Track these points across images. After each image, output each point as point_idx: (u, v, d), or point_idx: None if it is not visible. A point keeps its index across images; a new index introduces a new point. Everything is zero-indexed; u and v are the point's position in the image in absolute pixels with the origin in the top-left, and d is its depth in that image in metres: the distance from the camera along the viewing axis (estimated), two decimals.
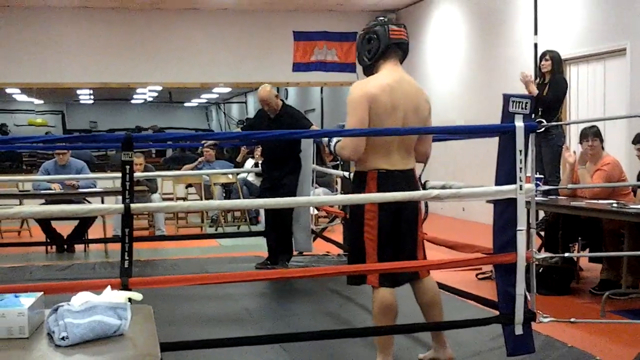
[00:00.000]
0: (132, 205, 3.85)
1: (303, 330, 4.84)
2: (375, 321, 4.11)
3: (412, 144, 4.18)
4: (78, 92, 21.41)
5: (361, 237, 4.07)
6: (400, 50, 4.19)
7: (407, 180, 4.12)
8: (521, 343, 3.91)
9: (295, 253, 7.81)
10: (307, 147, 7.61)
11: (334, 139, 4.14)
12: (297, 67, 13.58)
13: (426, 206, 4.65)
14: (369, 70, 4.22)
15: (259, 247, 7.73)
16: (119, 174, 3.92)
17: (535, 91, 7.32)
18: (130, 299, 2.42)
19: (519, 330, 3.87)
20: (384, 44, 4.13)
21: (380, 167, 4.06)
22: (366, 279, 4.11)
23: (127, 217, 3.86)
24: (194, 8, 13.96)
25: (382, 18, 4.27)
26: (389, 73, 4.13)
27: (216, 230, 10.99)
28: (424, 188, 4.61)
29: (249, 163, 11.97)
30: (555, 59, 7.66)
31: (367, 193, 4.05)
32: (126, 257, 3.82)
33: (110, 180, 10.47)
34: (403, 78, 4.15)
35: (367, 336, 4.56)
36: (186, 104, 28.33)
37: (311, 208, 8.15)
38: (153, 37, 13.98)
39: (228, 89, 20.74)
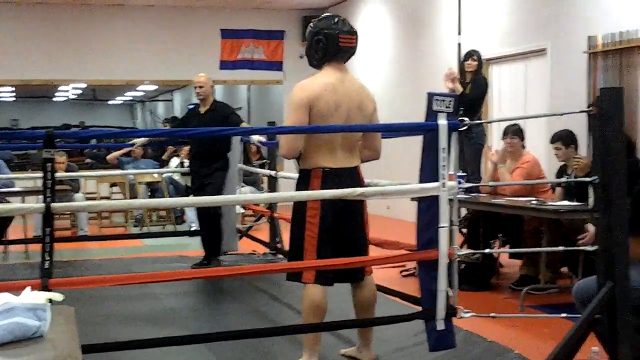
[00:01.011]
0: (53, 205, 3.78)
1: (229, 329, 4.82)
2: (304, 319, 4.13)
3: (355, 142, 4.24)
4: None
5: (302, 234, 4.10)
6: (347, 54, 4.26)
7: (352, 178, 4.17)
8: (443, 338, 3.97)
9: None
10: (235, 145, 7.58)
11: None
12: (224, 65, 13.48)
13: None
14: (314, 66, 4.30)
15: (184, 246, 7.68)
16: (40, 173, 3.84)
17: (460, 89, 7.43)
18: (50, 300, 2.38)
19: (440, 325, 3.93)
20: (332, 49, 4.18)
21: (325, 165, 4.11)
22: (301, 276, 4.12)
23: (48, 217, 3.79)
24: (120, 4, 13.77)
25: (336, 20, 4.27)
26: (332, 72, 4.19)
27: (141, 229, 10.86)
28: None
29: (174, 162, 11.87)
30: (480, 59, 7.81)
31: (311, 191, 4.09)
32: (47, 258, 3.74)
33: (32, 179, 10.23)
34: (346, 77, 4.23)
35: (292, 334, 4.58)
36: (111, 102, 27.90)
37: (237, 207, 8.13)
38: (77, 33, 13.73)
39: (154, 87, 20.50)
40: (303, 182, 4.17)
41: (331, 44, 4.17)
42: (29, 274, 7.07)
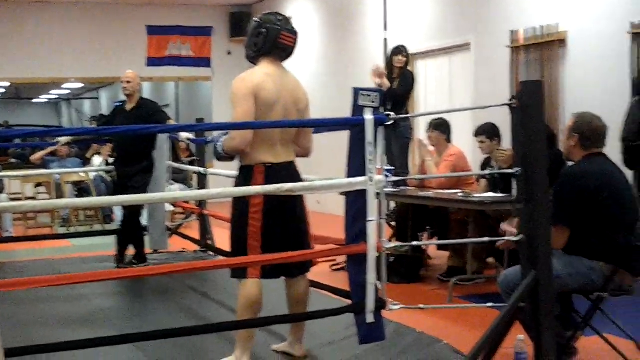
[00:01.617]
0: None
1: (159, 328, 4.76)
2: (240, 314, 4.13)
3: (292, 137, 4.27)
4: None
5: (245, 230, 4.09)
6: (284, 53, 4.27)
7: (291, 172, 4.21)
8: (372, 331, 3.99)
9: (150, 251, 7.70)
10: (163, 142, 7.51)
11: (220, 141, 4.12)
12: (151, 61, 13.28)
13: None
14: (252, 60, 4.29)
15: (113, 246, 7.56)
16: None
17: (387, 84, 7.48)
18: None
19: (370, 318, 3.95)
20: (270, 44, 4.20)
21: (267, 161, 4.12)
22: (247, 272, 4.12)
23: None
24: (44, 1, 13.48)
25: (281, 17, 4.28)
26: (270, 66, 4.21)
27: (68, 229, 10.68)
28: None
29: (97, 160, 11.70)
30: (408, 55, 7.87)
31: (242, 187, 4.09)
32: None
33: None
34: (283, 72, 4.25)
35: (224, 331, 4.56)
36: (35, 101, 27.29)
37: (167, 204, 8.06)
38: (0, 30, 13.40)
39: (80, 85, 20.13)
40: (245, 179, 4.16)
41: (271, 38, 4.19)
42: None
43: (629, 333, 4.19)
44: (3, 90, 22.64)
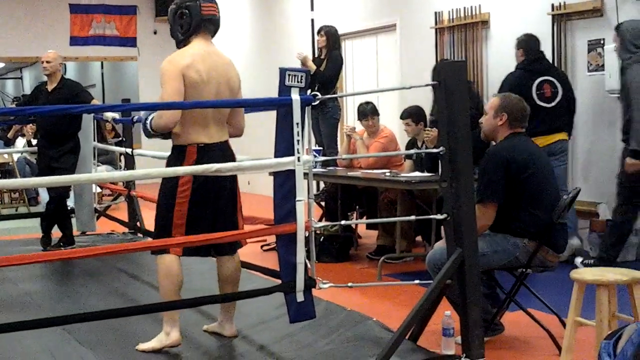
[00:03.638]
0: None
1: (88, 310, 4.73)
2: (162, 287, 4.15)
3: (225, 117, 4.26)
4: None
5: (171, 209, 4.10)
6: (211, 25, 4.25)
7: (224, 152, 4.20)
8: (303, 310, 4.03)
9: (78, 233, 7.60)
10: (88, 123, 7.39)
11: (149, 119, 4.08)
12: (75, 40, 13.05)
13: None
14: (182, 46, 4.24)
15: (39, 228, 7.44)
16: None
17: (313, 67, 7.50)
18: None
19: (300, 297, 3.98)
20: (195, 19, 4.17)
21: (200, 141, 4.11)
22: (169, 249, 4.12)
23: None
24: None
25: None
26: (200, 45, 4.19)
27: None
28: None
29: (21, 142, 11.45)
30: (330, 34, 7.84)
31: (168, 168, 4.08)
32: None
33: None
34: (214, 51, 4.23)
35: (153, 312, 4.54)
36: None
37: (94, 186, 7.95)
38: None
39: (1, 64, 19.64)
40: (177, 159, 4.14)
41: (194, 14, 4.17)
42: None
43: (552, 308, 4.33)
44: None
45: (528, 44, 6.47)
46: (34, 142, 10.92)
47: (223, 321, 4.44)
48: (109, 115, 7.41)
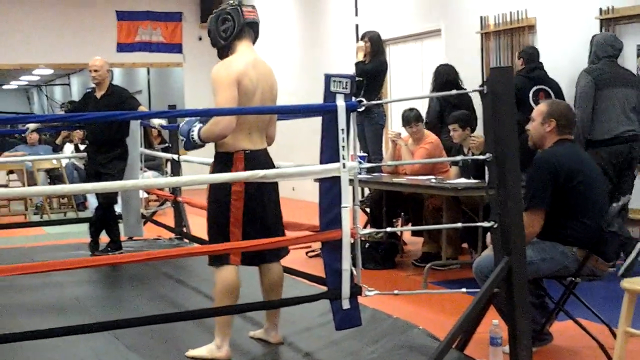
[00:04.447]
0: None
1: (136, 316, 4.77)
2: (218, 301, 4.15)
3: (266, 124, 4.29)
4: None
5: (226, 217, 4.11)
6: (252, 30, 4.29)
7: (267, 159, 4.24)
8: (348, 317, 4.02)
9: (125, 238, 7.68)
10: (135, 129, 7.47)
11: (195, 129, 4.09)
12: (121, 47, 13.25)
13: None
14: (225, 52, 4.26)
15: (87, 233, 7.54)
16: None
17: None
18: None
19: (346, 304, 3.98)
20: (238, 24, 4.20)
21: (246, 147, 4.13)
22: (229, 259, 4.13)
23: None
24: None
25: (233, 0, 4.30)
26: (247, 52, 4.21)
27: (41, 217, 10.61)
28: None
29: (68, 147, 11.62)
30: (374, 39, 7.83)
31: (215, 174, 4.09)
32: None
33: None
34: (258, 59, 4.26)
35: (200, 318, 4.57)
36: (5, 87, 26.99)
37: (141, 192, 8.03)
38: None
39: (50, 71, 19.94)
40: (224, 165, 4.15)
41: (237, 18, 4.20)
42: None
43: (602, 317, 4.25)
44: None
45: (529, 55, 6.96)
46: (82, 147, 11.09)
47: (269, 328, 4.46)
48: (156, 121, 7.48)
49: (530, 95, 6.69)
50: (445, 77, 7.54)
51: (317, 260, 6.73)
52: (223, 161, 4.19)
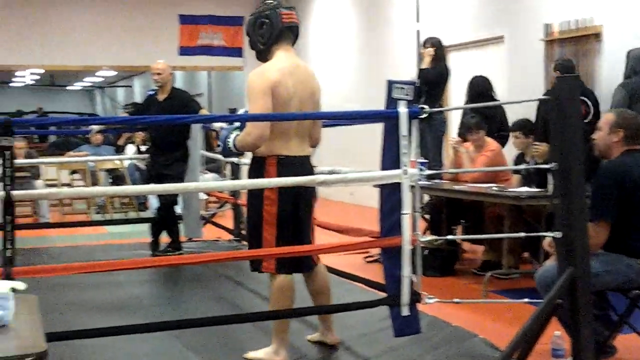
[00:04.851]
0: (14, 193, 3.74)
1: (194, 316, 4.82)
2: (273, 306, 4.15)
3: (308, 130, 4.23)
4: None
5: (260, 224, 4.09)
6: (292, 33, 4.23)
7: (305, 166, 4.17)
8: (408, 324, 4.00)
9: (185, 239, 7.76)
10: (197, 132, 7.55)
11: (231, 137, 4.11)
12: (183, 50, 13.38)
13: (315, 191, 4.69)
14: (263, 56, 4.23)
15: (147, 233, 7.65)
16: None
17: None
18: (13, 289, 2.37)
19: (405, 311, 3.96)
20: (276, 28, 4.15)
21: (280, 153, 4.08)
22: (261, 266, 4.13)
23: (9, 205, 3.75)
24: None
25: (271, 1, 4.27)
26: (284, 58, 4.16)
27: (103, 216, 10.79)
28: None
29: (131, 148, 11.79)
30: (436, 46, 7.79)
31: (273, 178, 4.06)
32: (8, 246, 3.71)
33: None
34: (298, 63, 4.21)
35: (258, 321, 4.59)
36: (69, 88, 27.56)
37: (201, 193, 8.11)
38: (34, 17, 13.51)
39: (113, 73, 20.31)
40: (257, 170, 4.14)
41: (275, 22, 4.14)
42: None
43: None
44: (38, 77, 22.91)
45: (566, 68, 6.89)
46: (143, 148, 11.25)
47: (324, 330, 4.45)
48: (217, 125, 7.55)
49: None
50: (479, 88, 7.53)
51: (375, 265, 6.71)
52: (256, 165, 4.17)
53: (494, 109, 7.17)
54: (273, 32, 4.16)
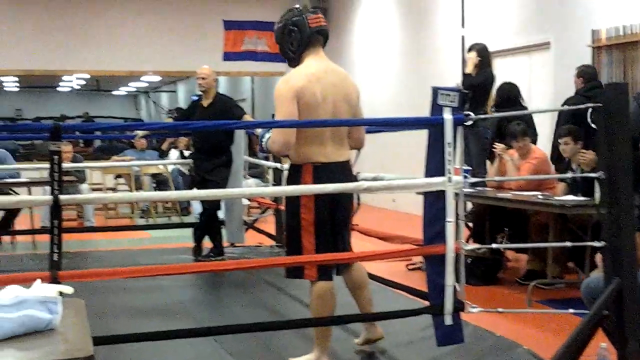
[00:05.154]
0: (61, 197, 3.78)
1: (236, 322, 4.83)
2: (314, 313, 4.14)
3: (344, 134, 4.19)
4: (3, 79, 20.91)
5: (298, 231, 4.08)
6: (321, 37, 4.21)
7: (343, 172, 4.14)
8: (451, 333, 3.97)
9: (227, 244, 7.80)
10: (240, 138, 7.58)
11: (266, 136, 4.11)
12: (228, 56, 13.46)
13: (358, 198, 4.68)
14: (294, 63, 4.22)
15: (190, 238, 7.70)
16: (46, 164, 3.85)
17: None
18: (61, 293, 2.39)
19: (448, 320, 3.93)
20: (305, 34, 4.13)
21: (316, 160, 4.06)
22: (303, 274, 4.12)
23: (56, 209, 3.80)
24: None
25: (297, 7, 4.26)
26: (314, 63, 4.13)
27: (147, 221, 10.89)
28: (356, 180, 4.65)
29: (174, 153, 11.90)
30: (481, 52, 7.73)
31: (315, 185, 4.04)
32: (55, 250, 3.75)
33: (37, 170, 10.24)
34: (329, 67, 4.17)
35: (301, 327, 4.59)
36: (115, 93, 27.90)
37: (243, 199, 8.15)
38: (80, 23, 13.73)
39: (157, 78, 20.52)
40: (294, 177, 4.13)
41: (303, 28, 4.13)
42: (37, 265, 7.08)
43: None
44: (84, 82, 23.23)
45: (589, 75, 7.09)
46: (186, 153, 11.34)
47: (368, 327, 4.42)
48: (260, 130, 7.56)
49: (588, 113, 6.58)
50: (507, 94, 7.47)
51: (417, 273, 6.68)
52: (293, 173, 4.16)
53: (522, 116, 7.22)
54: (303, 38, 4.14)
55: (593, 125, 6.39)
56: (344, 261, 4.14)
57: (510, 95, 7.48)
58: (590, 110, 6.58)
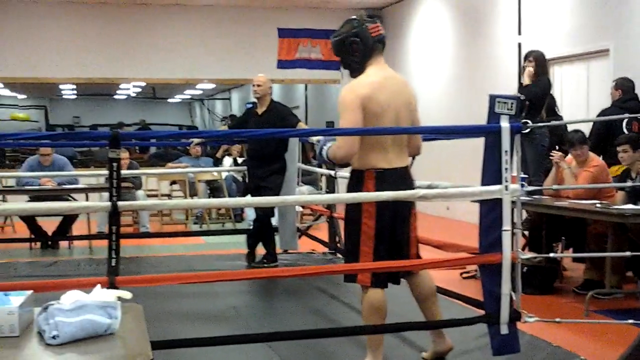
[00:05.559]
0: (119, 203, 3.84)
1: (289, 328, 4.85)
2: (365, 320, 4.13)
3: (405, 140, 4.21)
4: (61, 87, 21.25)
5: (358, 236, 4.07)
6: (381, 45, 4.21)
7: (404, 178, 4.15)
8: (507, 343, 3.93)
9: (280, 250, 7.82)
10: (294, 145, 7.61)
11: (325, 146, 4.12)
12: (282, 64, 13.56)
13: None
14: (357, 73, 4.21)
15: (243, 244, 7.75)
16: (103, 171, 3.92)
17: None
18: (119, 298, 2.43)
19: (504, 329, 3.89)
20: (368, 44, 4.14)
21: (378, 166, 4.07)
22: (357, 278, 4.11)
23: (114, 215, 3.86)
24: (179, 4, 13.93)
25: (354, 18, 4.26)
26: (376, 71, 4.14)
27: (201, 227, 10.98)
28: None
29: (228, 160, 11.99)
30: (539, 60, 7.63)
31: (365, 192, 4.05)
32: (113, 256, 3.81)
33: (95, 177, 10.42)
34: (389, 74, 4.19)
35: (354, 335, 4.58)
36: (170, 100, 28.21)
37: (296, 206, 8.17)
38: (137, 32, 13.94)
39: (212, 85, 20.69)
40: (356, 183, 4.14)
41: (365, 38, 4.13)
42: (94, 270, 7.21)
43: None
44: (140, 90, 23.54)
45: (627, 87, 7.35)
46: (239, 160, 11.43)
47: (436, 339, 4.34)
48: (314, 137, 7.58)
49: (624, 124, 7.04)
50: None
51: (471, 281, 6.62)
52: (354, 178, 4.17)
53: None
54: (366, 49, 4.15)
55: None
56: (399, 269, 4.11)
57: (548, 105, 7.44)
58: (626, 120, 7.03)
